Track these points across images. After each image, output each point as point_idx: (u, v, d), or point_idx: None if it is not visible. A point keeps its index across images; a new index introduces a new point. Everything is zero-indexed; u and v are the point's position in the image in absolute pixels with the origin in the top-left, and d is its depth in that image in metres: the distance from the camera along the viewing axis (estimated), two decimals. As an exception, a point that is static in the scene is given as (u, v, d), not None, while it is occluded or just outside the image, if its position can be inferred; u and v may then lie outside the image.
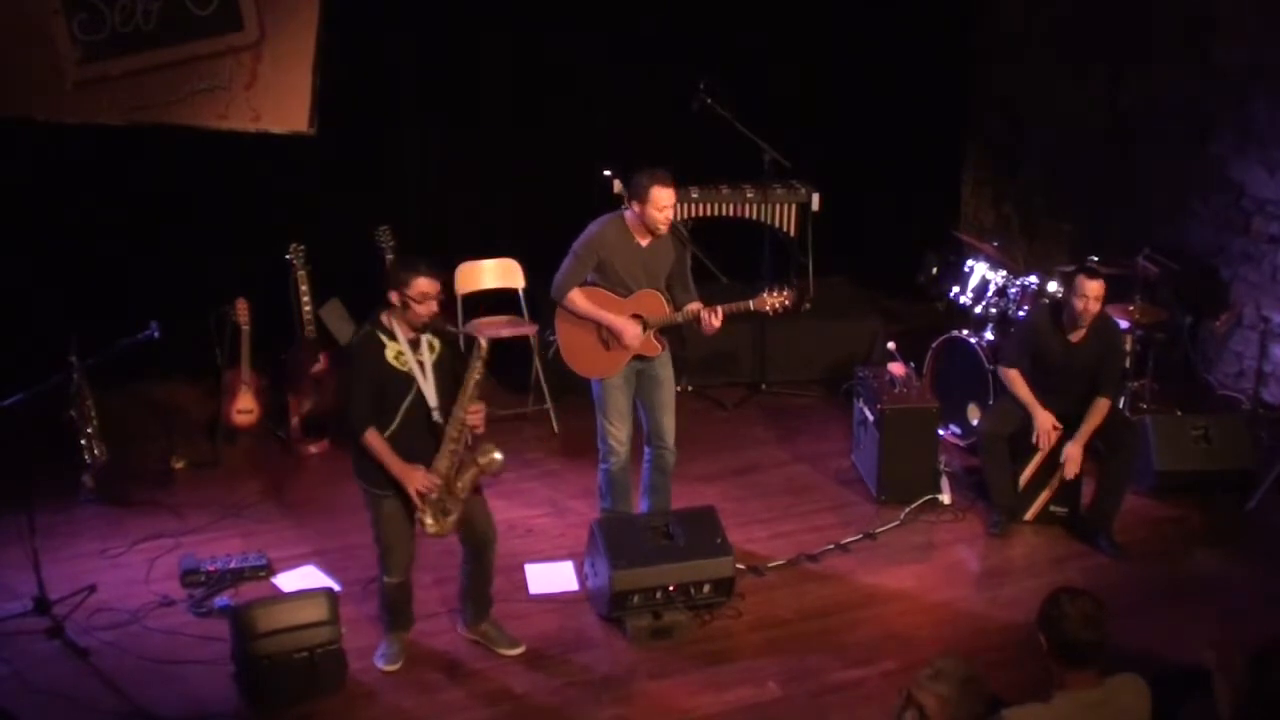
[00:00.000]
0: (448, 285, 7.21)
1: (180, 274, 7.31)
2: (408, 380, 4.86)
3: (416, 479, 4.86)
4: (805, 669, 5.20)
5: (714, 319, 5.67)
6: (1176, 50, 8.03)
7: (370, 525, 5.07)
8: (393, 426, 4.87)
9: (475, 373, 4.88)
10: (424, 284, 4.79)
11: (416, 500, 4.88)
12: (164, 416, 7.30)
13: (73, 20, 7.11)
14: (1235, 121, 7.78)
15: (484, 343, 4.89)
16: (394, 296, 4.82)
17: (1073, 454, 6.11)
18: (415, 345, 4.89)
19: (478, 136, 8.04)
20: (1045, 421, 6.12)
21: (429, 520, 4.92)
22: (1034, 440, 6.16)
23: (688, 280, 5.86)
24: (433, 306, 4.84)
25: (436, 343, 4.95)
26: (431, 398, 4.90)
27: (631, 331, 5.68)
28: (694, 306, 5.74)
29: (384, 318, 4.89)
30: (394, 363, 4.85)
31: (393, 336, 4.86)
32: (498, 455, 5.00)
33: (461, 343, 5.25)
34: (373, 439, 4.85)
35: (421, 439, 4.91)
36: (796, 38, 8.60)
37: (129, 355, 5.90)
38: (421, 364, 4.88)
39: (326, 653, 4.89)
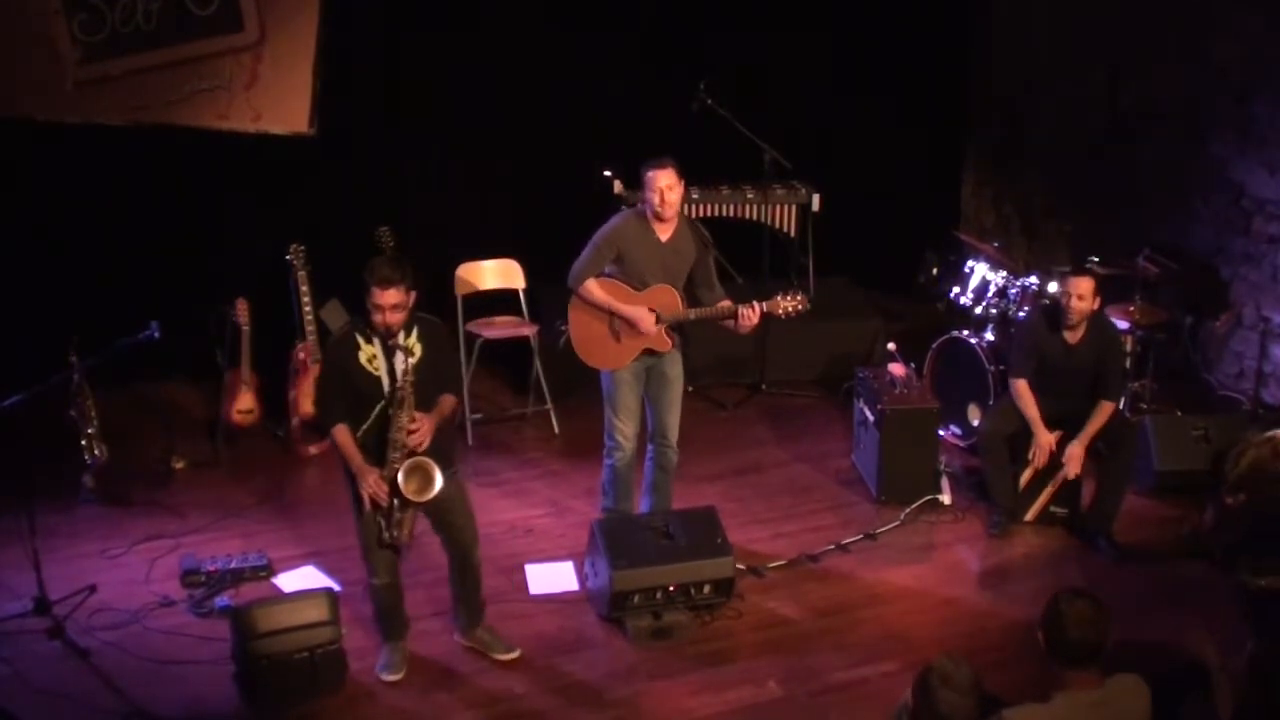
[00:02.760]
0: (446, 287, 7.27)
1: (180, 274, 7.31)
2: (379, 384, 4.80)
3: (368, 481, 4.78)
4: (805, 669, 5.20)
5: (751, 315, 5.65)
6: (1176, 50, 8.03)
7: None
8: (364, 426, 4.83)
9: (401, 390, 4.75)
10: (373, 293, 4.70)
11: (366, 503, 4.81)
12: (164, 416, 7.30)
13: (73, 20, 7.10)
14: (1235, 121, 7.78)
15: (407, 361, 4.73)
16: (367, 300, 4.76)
17: (1075, 454, 6.11)
18: (390, 351, 4.79)
19: (478, 136, 8.04)
20: (1045, 443, 6.12)
21: (385, 527, 4.84)
22: (1029, 455, 6.16)
23: (713, 281, 5.85)
24: (385, 317, 4.70)
25: (418, 349, 4.84)
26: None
27: (647, 320, 5.68)
28: (727, 303, 5.74)
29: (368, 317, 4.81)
30: (366, 365, 4.80)
31: (369, 339, 4.80)
32: (433, 490, 4.78)
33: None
34: (338, 434, 4.83)
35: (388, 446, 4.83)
36: (797, 37, 8.60)
37: (129, 355, 5.90)
38: (394, 370, 4.78)
39: (326, 653, 4.89)
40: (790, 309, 5.81)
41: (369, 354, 4.81)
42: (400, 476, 4.76)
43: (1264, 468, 4.95)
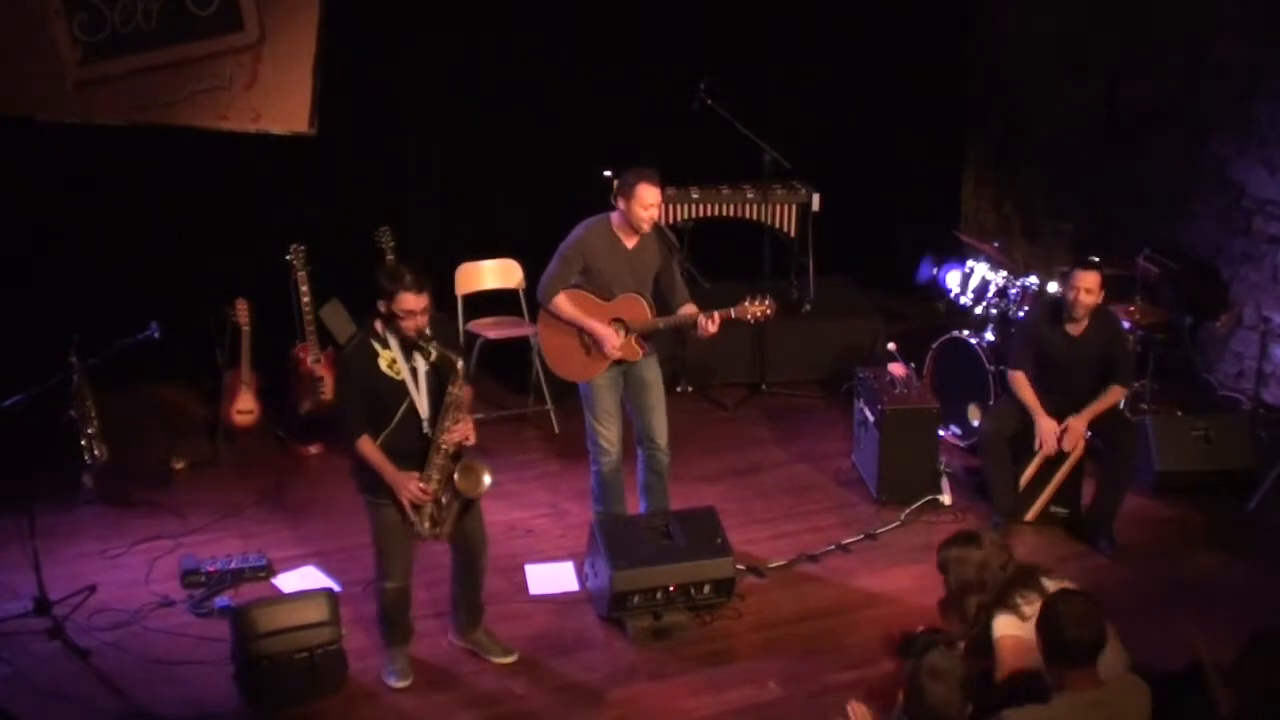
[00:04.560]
0: (446, 287, 7.27)
1: (180, 274, 7.31)
2: (401, 388, 4.81)
3: (409, 488, 4.82)
4: (805, 669, 5.20)
5: (710, 324, 5.64)
6: (1176, 50, 8.04)
7: (370, 533, 5.02)
8: (386, 432, 4.83)
9: (450, 395, 4.81)
10: (408, 300, 4.70)
11: (408, 508, 4.85)
12: (164, 416, 7.30)
13: (73, 20, 7.11)
14: (1235, 121, 7.78)
15: (460, 364, 4.81)
16: (382, 306, 4.76)
17: (1075, 427, 6.07)
18: (408, 354, 4.82)
19: (478, 137, 8.04)
20: (1048, 427, 6.12)
21: (426, 525, 4.90)
22: (1036, 445, 6.16)
23: (678, 285, 5.83)
24: (418, 321, 4.74)
25: (433, 347, 4.84)
26: (423, 408, 4.85)
27: (611, 342, 5.67)
28: (690, 310, 5.74)
29: (377, 325, 4.82)
30: (388, 371, 4.80)
31: (386, 344, 4.81)
32: (486, 481, 4.89)
33: (469, 362, 5.18)
34: (366, 446, 4.81)
35: (416, 445, 4.87)
36: (797, 37, 8.61)
37: (129, 355, 5.90)
38: (415, 371, 4.82)
39: (326, 653, 4.90)
40: (758, 313, 5.75)
41: (388, 359, 4.81)
42: (457, 476, 4.86)
43: (986, 568, 4.49)
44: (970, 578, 4.12)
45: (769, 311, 5.77)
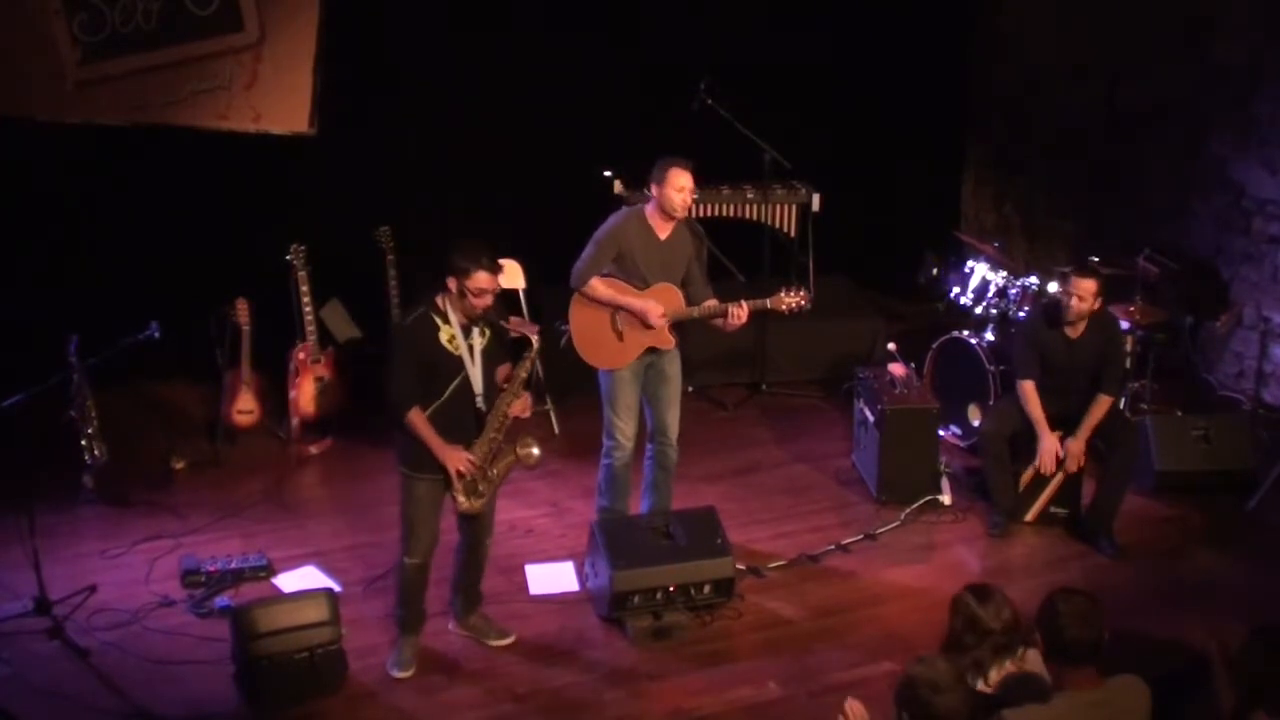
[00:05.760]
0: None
1: (180, 274, 7.31)
2: (458, 363, 4.92)
3: (457, 459, 4.92)
4: (805, 669, 5.20)
5: (740, 312, 5.68)
6: (1176, 50, 8.04)
7: (400, 505, 5.08)
8: (436, 405, 4.92)
9: (524, 369, 5.01)
10: (484, 279, 4.83)
11: (454, 479, 4.94)
12: (164, 416, 7.30)
13: (73, 20, 7.11)
14: (1235, 121, 7.78)
15: (535, 340, 5.01)
16: (452, 283, 4.85)
17: (1074, 450, 6.11)
18: (467, 331, 4.94)
19: (478, 137, 8.03)
20: (1049, 447, 6.11)
21: (461, 497, 5.00)
22: (1036, 463, 6.16)
23: (703, 278, 5.87)
24: (488, 300, 4.87)
25: (488, 330, 5.00)
26: (478, 384, 4.97)
27: (655, 312, 5.68)
28: (713, 302, 5.76)
29: (439, 300, 4.92)
30: (447, 345, 4.91)
31: (446, 320, 4.91)
32: (536, 450, 5.10)
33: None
34: (416, 417, 4.89)
35: (462, 421, 4.98)
36: (796, 37, 8.60)
37: (129, 355, 5.90)
38: (472, 349, 4.94)
39: (327, 653, 4.90)
40: (793, 304, 5.83)
41: (448, 334, 4.92)
42: (521, 450, 5.09)
43: (973, 627, 4.11)
44: (958, 629, 4.09)
45: (803, 302, 5.83)
